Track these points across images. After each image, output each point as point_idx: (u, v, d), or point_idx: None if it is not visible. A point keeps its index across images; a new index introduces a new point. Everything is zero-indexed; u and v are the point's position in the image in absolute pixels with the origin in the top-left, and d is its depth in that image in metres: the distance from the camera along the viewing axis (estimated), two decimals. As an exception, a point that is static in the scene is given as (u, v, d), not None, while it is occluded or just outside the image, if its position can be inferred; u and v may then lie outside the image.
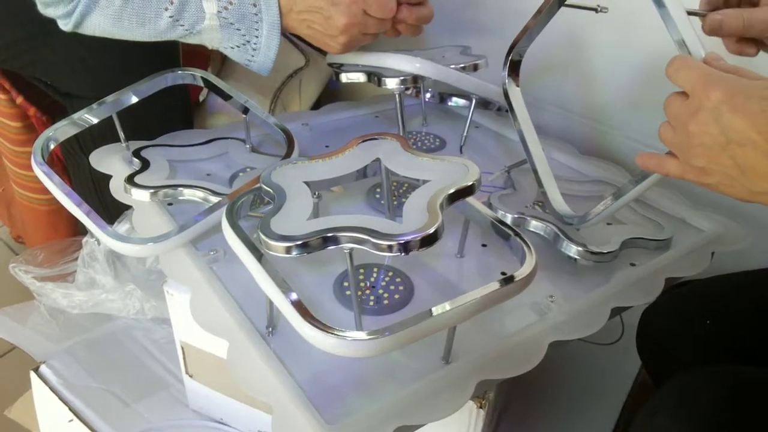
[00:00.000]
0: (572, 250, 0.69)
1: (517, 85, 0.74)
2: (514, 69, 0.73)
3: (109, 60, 0.86)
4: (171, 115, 0.95)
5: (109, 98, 0.78)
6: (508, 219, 0.73)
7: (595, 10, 0.68)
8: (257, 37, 0.73)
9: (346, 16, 0.72)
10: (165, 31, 0.72)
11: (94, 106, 0.78)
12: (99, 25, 0.70)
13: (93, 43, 0.73)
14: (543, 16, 0.69)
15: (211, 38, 0.74)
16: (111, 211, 0.86)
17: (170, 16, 0.70)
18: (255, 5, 0.71)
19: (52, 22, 0.71)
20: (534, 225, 0.73)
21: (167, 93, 0.83)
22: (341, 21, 0.73)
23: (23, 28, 0.84)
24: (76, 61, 0.87)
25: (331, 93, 1.25)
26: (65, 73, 0.89)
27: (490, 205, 0.74)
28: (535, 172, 0.75)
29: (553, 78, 1.06)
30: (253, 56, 0.75)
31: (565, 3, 0.67)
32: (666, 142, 0.52)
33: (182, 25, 0.71)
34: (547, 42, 0.77)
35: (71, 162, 0.99)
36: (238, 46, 0.74)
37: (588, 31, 0.98)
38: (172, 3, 0.69)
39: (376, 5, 0.74)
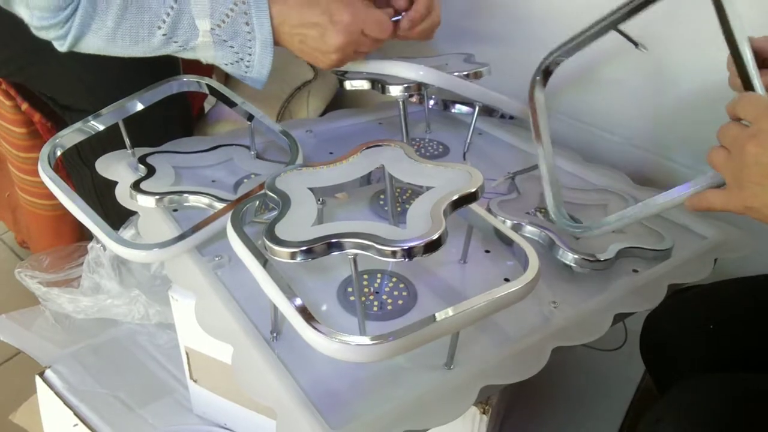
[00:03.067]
0: (568, 257, 0.69)
1: (543, 90, 0.75)
2: (545, 76, 0.74)
3: (106, 75, 0.87)
4: (171, 124, 0.95)
5: (116, 105, 0.79)
6: (508, 225, 0.73)
7: (636, 44, 0.70)
8: (250, 54, 0.74)
9: (343, 35, 0.73)
10: (159, 48, 0.72)
11: (101, 112, 0.78)
12: (94, 46, 0.71)
13: (89, 59, 0.73)
14: (592, 34, 0.70)
15: (205, 55, 0.74)
16: (114, 221, 0.86)
17: (163, 34, 0.70)
18: (248, 23, 0.71)
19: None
20: (529, 231, 0.73)
21: (167, 102, 0.83)
22: (338, 39, 0.73)
23: (21, 43, 0.84)
24: (73, 77, 0.88)
25: (335, 100, 1.25)
26: (63, 88, 0.90)
27: (489, 211, 0.74)
28: (544, 179, 0.75)
29: (556, 84, 1.06)
30: (246, 72, 0.76)
31: (616, 28, 0.69)
32: (717, 165, 0.54)
33: (176, 42, 0.72)
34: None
35: (73, 172, 1.00)
36: (231, 63, 0.75)
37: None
38: (164, 22, 0.69)
39: (374, 25, 0.74)
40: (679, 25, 0.86)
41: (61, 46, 0.71)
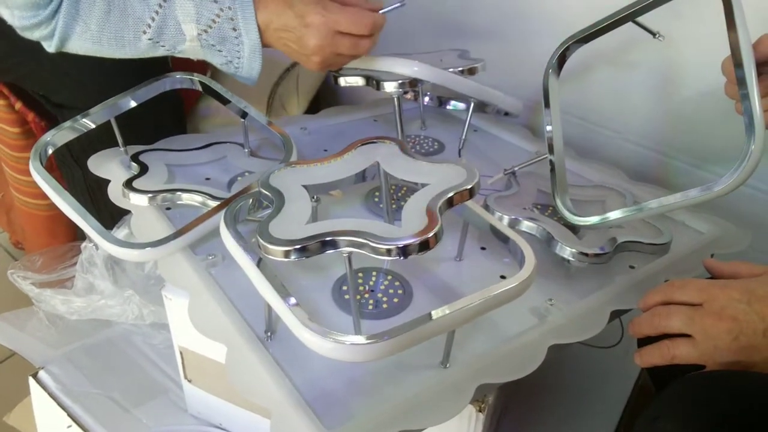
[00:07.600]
0: (566, 251, 0.69)
1: (558, 77, 0.76)
2: (560, 62, 0.75)
3: (97, 72, 0.86)
4: (162, 122, 0.94)
5: (108, 102, 0.78)
6: (505, 221, 0.73)
7: (654, 34, 0.72)
8: (239, 58, 0.73)
9: (316, 38, 0.72)
10: (147, 51, 0.72)
11: (94, 109, 0.77)
12: (81, 47, 0.70)
13: (79, 57, 0.73)
14: (609, 24, 0.70)
15: (195, 56, 0.74)
16: (107, 220, 0.86)
17: (149, 39, 0.70)
18: (235, 29, 0.71)
19: None
20: (526, 225, 0.72)
21: (160, 99, 0.82)
22: (312, 42, 0.72)
23: (11, 42, 0.83)
24: (63, 75, 0.87)
25: (330, 96, 1.25)
26: (54, 86, 0.90)
27: (487, 207, 0.74)
28: (552, 164, 0.75)
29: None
30: (236, 72, 0.75)
31: (634, 20, 0.70)
32: (685, 356, 0.56)
33: (163, 46, 0.71)
34: (548, 44, 0.77)
35: (65, 172, 0.99)
36: (221, 64, 0.75)
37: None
38: (149, 26, 0.69)
39: (348, 22, 0.73)
40: (681, 22, 0.85)
41: (49, 47, 0.70)
